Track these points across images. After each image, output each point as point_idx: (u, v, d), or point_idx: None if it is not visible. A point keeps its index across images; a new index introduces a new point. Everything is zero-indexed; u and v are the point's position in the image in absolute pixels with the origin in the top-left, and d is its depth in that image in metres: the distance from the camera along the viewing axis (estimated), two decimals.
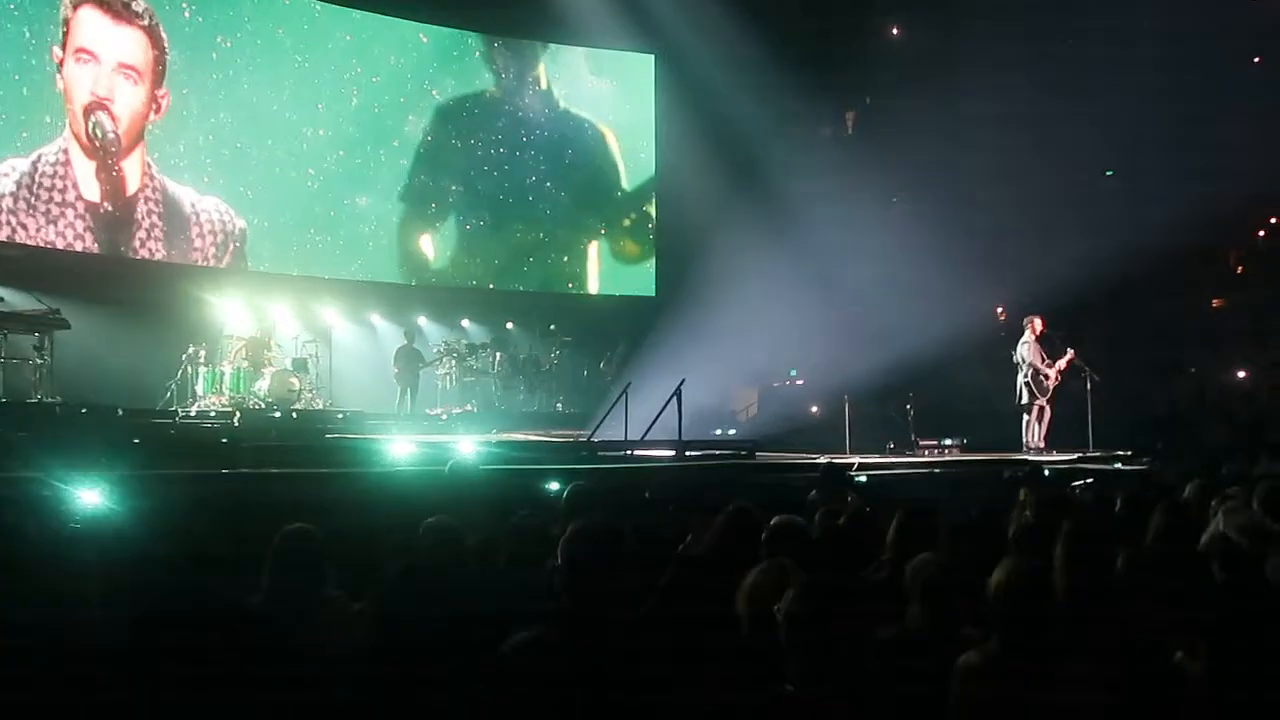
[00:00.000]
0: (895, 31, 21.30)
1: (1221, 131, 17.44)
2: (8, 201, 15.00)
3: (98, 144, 15.68)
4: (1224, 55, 17.80)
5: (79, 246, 15.67)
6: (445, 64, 19.82)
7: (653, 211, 21.35)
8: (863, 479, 9.98)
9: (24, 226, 15.17)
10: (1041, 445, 14.58)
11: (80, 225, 15.68)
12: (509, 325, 19.68)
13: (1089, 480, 10.82)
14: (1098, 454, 13.96)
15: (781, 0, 18.43)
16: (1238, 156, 16.92)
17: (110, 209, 15.96)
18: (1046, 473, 10.82)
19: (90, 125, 15.57)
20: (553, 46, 20.75)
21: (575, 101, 20.90)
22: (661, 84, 21.02)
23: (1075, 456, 13.59)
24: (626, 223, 21.45)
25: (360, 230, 18.77)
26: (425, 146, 19.47)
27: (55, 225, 15.43)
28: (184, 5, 16.74)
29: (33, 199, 15.21)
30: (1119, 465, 13.27)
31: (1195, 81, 17.42)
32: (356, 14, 18.56)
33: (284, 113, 17.71)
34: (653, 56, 20.95)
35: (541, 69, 20.75)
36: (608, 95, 21.13)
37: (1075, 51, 18.60)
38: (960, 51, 18.67)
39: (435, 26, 19.54)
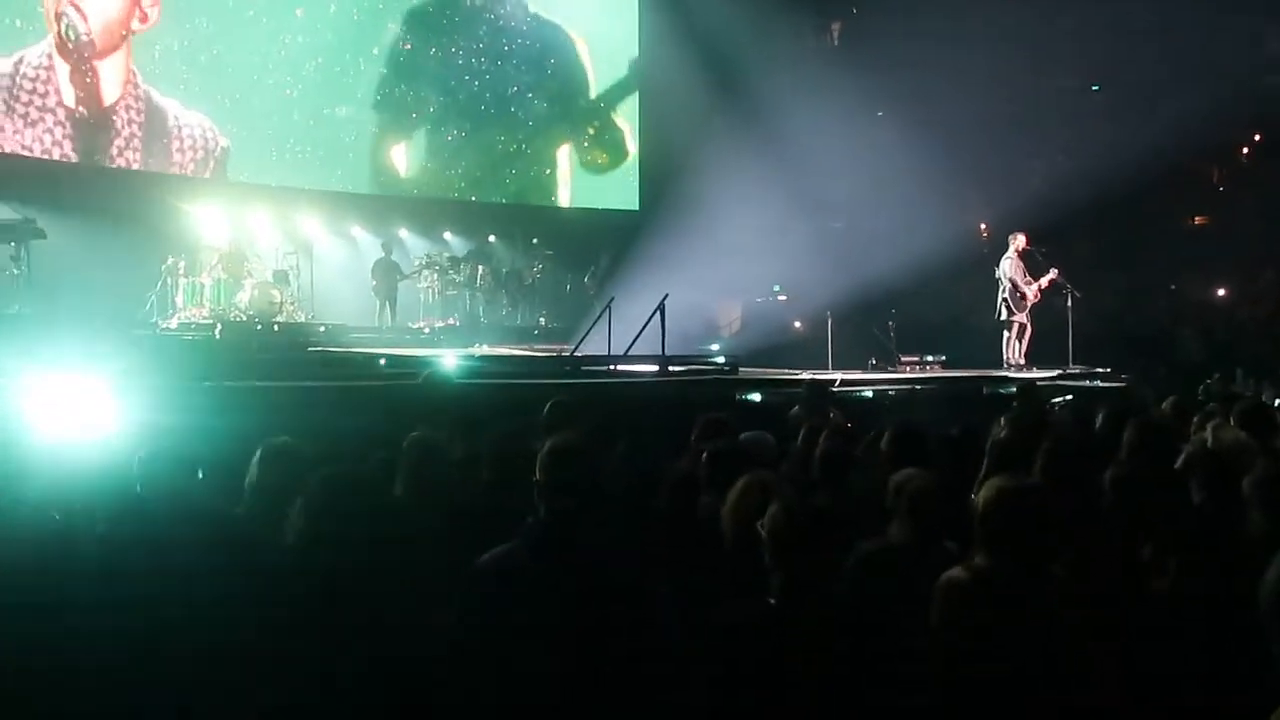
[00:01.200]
0: None
1: (1207, 49, 17.30)
2: None
3: (70, 45, 15.37)
4: None
5: (56, 153, 15.43)
6: None
7: (635, 123, 21.12)
8: (846, 395, 10.04)
9: (1, 130, 14.91)
10: (1022, 362, 14.64)
11: (59, 131, 15.42)
12: (491, 239, 19.54)
13: (1068, 397, 10.91)
14: (1077, 370, 14.07)
15: None
16: (1224, 73, 16.83)
17: (86, 114, 15.68)
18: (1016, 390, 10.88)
19: (63, 26, 15.25)
20: None
21: (555, 10, 20.51)
22: None
23: (1055, 373, 13.68)
24: (608, 133, 21.21)
25: (340, 141, 18.51)
26: (404, 55, 19.11)
27: (34, 129, 15.18)
28: None
29: (13, 101, 14.93)
30: (1097, 382, 13.39)
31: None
32: None
33: (260, 18, 17.34)
34: None
35: None
36: (590, 4, 20.75)
37: None
38: None
39: None
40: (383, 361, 11.33)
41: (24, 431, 5.20)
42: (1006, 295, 14.64)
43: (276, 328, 14.63)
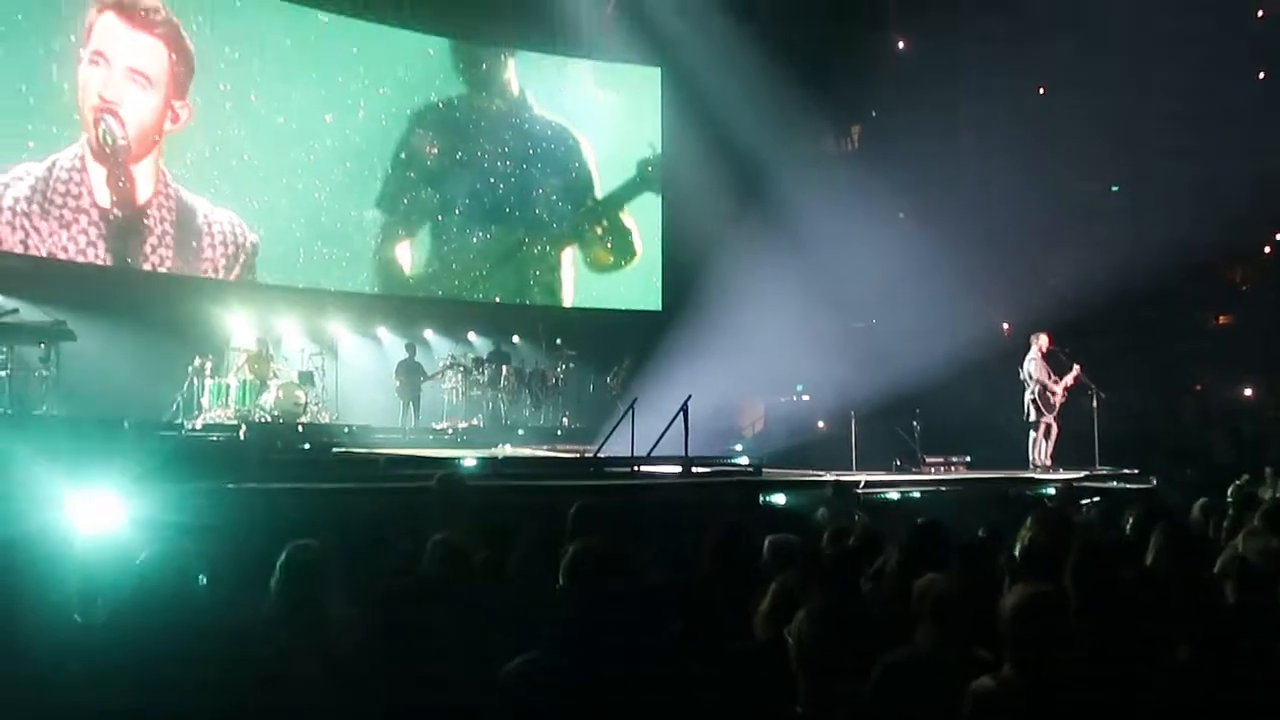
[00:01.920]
0: (900, 46, 21.30)
1: (1226, 147, 17.43)
2: (22, 206, 15.02)
3: (108, 149, 15.75)
4: (1230, 70, 17.80)
5: (90, 254, 15.71)
6: (452, 76, 19.87)
7: (656, 222, 21.35)
8: (870, 497, 9.96)
9: (36, 231, 15.19)
10: (1048, 463, 14.54)
11: (93, 232, 15.73)
12: (515, 339, 19.67)
13: (1096, 499, 10.79)
14: (1104, 471, 13.95)
15: (787, 15, 18.46)
16: (1243, 172, 16.92)
17: (120, 216, 16.00)
18: (1051, 491, 10.79)
19: (100, 131, 15.65)
20: (560, 59, 20.78)
21: (581, 114, 20.90)
22: (668, 97, 21.08)
23: (1082, 474, 13.56)
24: (633, 235, 21.43)
25: (366, 242, 18.80)
26: (431, 158, 19.51)
27: (68, 230, 15.47)
28: (194, 16, 16.78)
29: (47, 204, 15.25)
30: (1125, 484, 13.25)
31: (1201, 97, 17.44)
32: (364, 25, 18.62)
33: (291, 124, 17.75)
34: (659, 70, 21.01)
35: (549, 81, 20.77)
36: (615, 108, 21.15)
37: (1081, 64, 18.60)
38: (965, 65, 18.71)
39: (442, 38, 19.61)
40: (383, 461, 11.36)
41: (47, 534, 5.21)
42: (1035, 396, 14.60)
43: (301, 429, 14.71)
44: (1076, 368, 14.54)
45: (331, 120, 18.22)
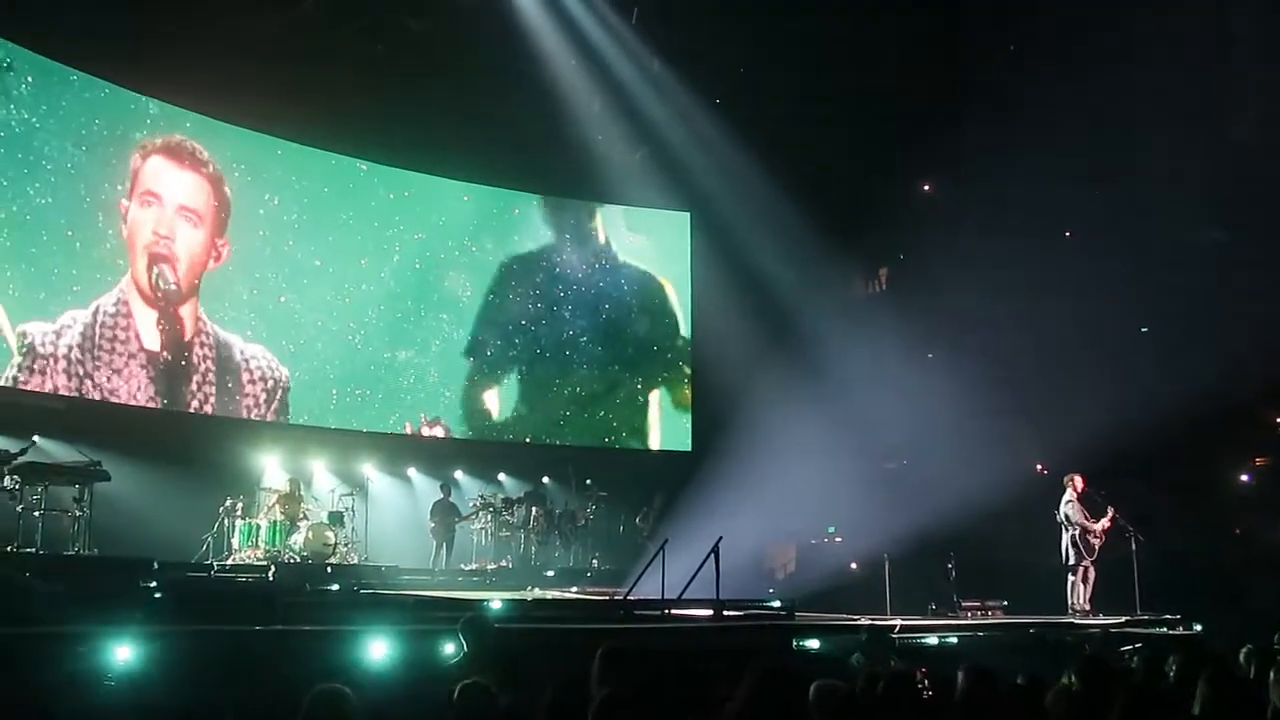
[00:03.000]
0: (927, 188, 21.61)
1: (1260, 286, 17.40)
2: (75, 354, 15.31)
3: (159, 293, 16.18)
4: (1264, 210, 17.88)
5: (142, 397, 16.00)
6: (486, 221, 20.32)
7: (688, 366, 21.49)
8: (906, 642, 9.76)
9: (90, 378, 15.47)
10: (1087, 607, 14.26)
11: (144, 376, 16.03)
12: (545, 480, 19.65)
13: (1138, 645, 10.54)
14: (1145, 617, 13.62)
15: (814, 159, 18.81)
16: (1277, 311, 16.85)
17: (169, 358, 16.35)
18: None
19: (154, 275, 16.08)
20: (591, 204, 21.26)
21: (613, 258, 21.30)
22: (697, 240, 21.43)
23: (1123, 619, 13.26)
24: (663, 377, 21.58)
25: (399, 384, 19.01)
26: (465, 302, 19.84)
27: (120, 375, 15.76)
28: (235, 164, 17.30)
29: (97, 350, 15.53)
30: (1166, 629, 12.94)
31: (1231, 237, 17.51)
32: (401, 173, 19.15)
33: (327, 268, 18.15)
34: (688, 214, 21.40)
35: (581, 226, 21.22)
36: (645, 251, 21.53)
37: (1109, 207, 18.75)
38: (993, 208, 18.90)
39: (477, 185, 20.09)
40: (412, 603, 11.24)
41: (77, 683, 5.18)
42: (1075, 539, 14.39)
43: (330, 569, 14.64)
44: (1112, 510, 14.37)
45: (366, 264, 18.61)
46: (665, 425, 21.43)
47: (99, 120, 15.84)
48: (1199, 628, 12.86)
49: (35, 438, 13.59)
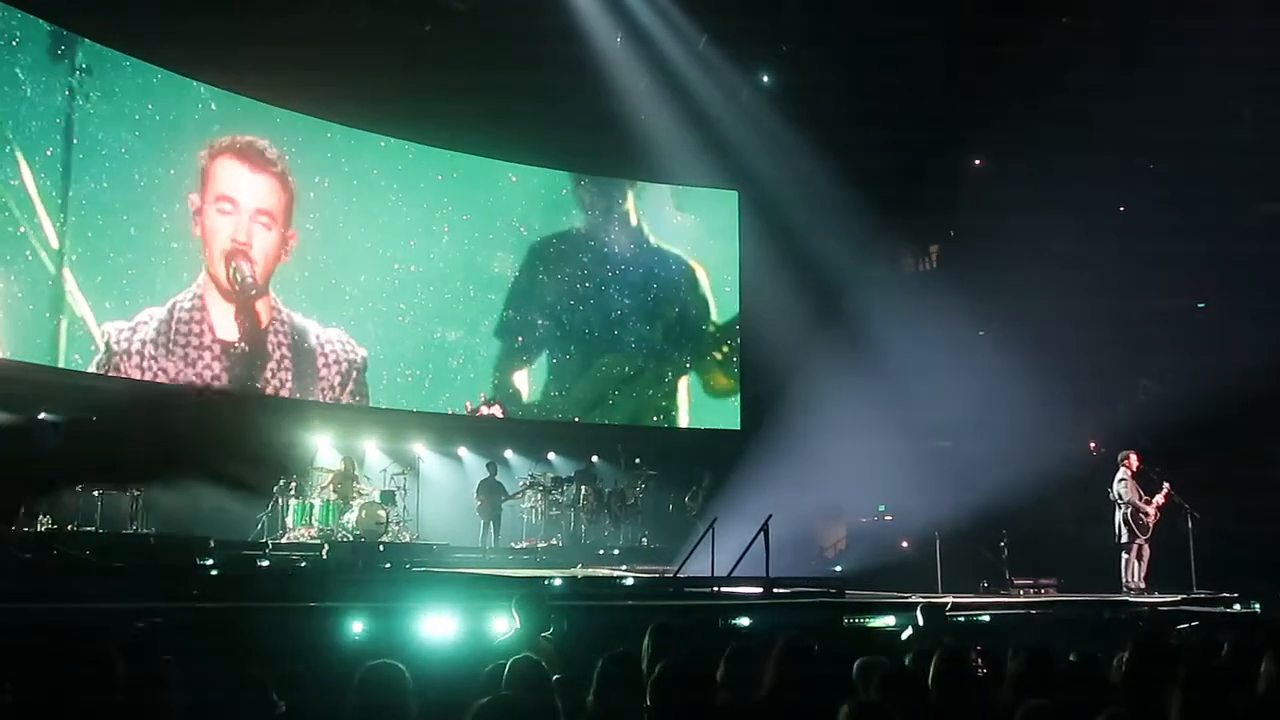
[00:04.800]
0: (978, 164, 21.34)
1: None
2: (149, 349, 15.60)
3: (237, 288, 16.49)
4: None
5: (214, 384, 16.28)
6: (533, 202, 20.35)
7: (736, 345, 21.44)
8: (958, 619, 9.70)
9: (164, 371, 15.76)
10: (1142, 585, 14.11)
11: (217, 366, 16.33)
12: (594, 459, 19.69)
13: (1194, 623, 10.40)
14: (1202, 594, 13.45)
15: (864, 135, 18.63)
16: None
17: (246, 347, 16.68)
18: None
19: (231, 270, 16.41)
20: (639, 184, 21.22)
21: (662, 237, 21.29)
22: (745, 219, 21.32)
23: (1178, 598, 13.09)
24: (714, 356, 21.55)
25: (448, 364, 19.11)
26: (513, 282, 19.91)
27: (194, 367, 16.06)
28: (285, 148, 17.43)
29: (170, 344, 15.82)
30: (1222, 608, 12.76)
31: None
32: (449, 154, 19.21)
33: (377, 249, 18.28)
34: (736, 193, 21.31)
35: (628, 205, 21.22)
36: (693, 231, 21.50)
37: (1163, 182, 18.46)
38: (1046, 182, 18.66)
39: (525, 166, 20.11)
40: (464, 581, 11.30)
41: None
42: (1128, 517, 14.24)
43: (382, 548, 14.78)
44: (1167, 486, 14.19)
45: (415, 245, 18.72)
46: (713, 404, 21.42)
47: (151, 105, 16.00)
48: (1257, 607, 12.65)
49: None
